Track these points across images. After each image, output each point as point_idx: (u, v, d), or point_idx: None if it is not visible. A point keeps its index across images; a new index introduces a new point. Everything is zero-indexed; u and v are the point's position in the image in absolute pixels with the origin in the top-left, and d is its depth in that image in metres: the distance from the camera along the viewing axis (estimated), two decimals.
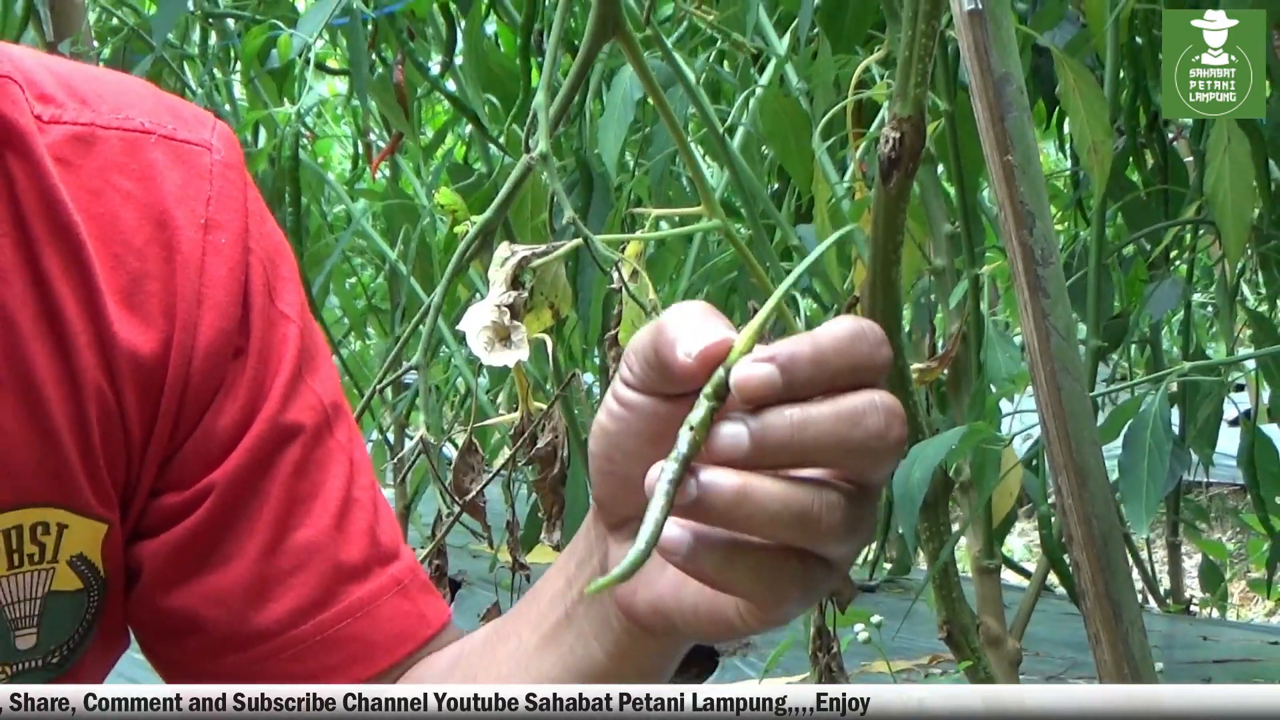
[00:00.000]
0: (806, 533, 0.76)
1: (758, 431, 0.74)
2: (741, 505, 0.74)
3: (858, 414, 0.75)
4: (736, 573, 0.77)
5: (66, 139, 1.01)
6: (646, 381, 0.80)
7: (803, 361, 0.75)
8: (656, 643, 0.89)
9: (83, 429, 1.00)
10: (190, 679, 1.06)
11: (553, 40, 1.88)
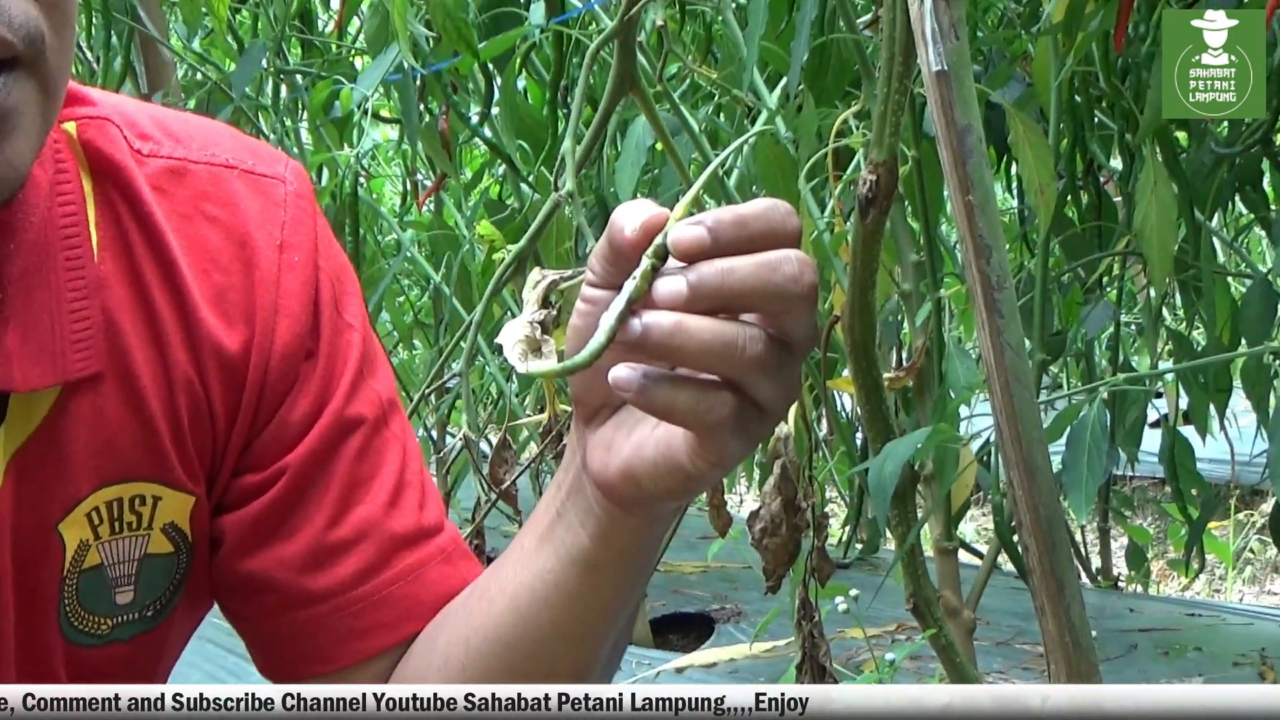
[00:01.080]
0: (734, 363, 0.78)
1: (692, 278, 0.76)
2: (676, 336, 0.76)
3: (775, 263, 0.77)
4: (679, 401, 0.78)
5: (162, 171, 1.01)
6: (604, 274, 0.81)
7: (726, 224, 0.77)
8: (631, 519, 0.88)
9: (175, 416, 1.00)
10: (264, 634, 1.06)
11: (577, 95, 1.87)
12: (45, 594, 0.97)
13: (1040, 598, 1.61)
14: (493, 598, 0.97)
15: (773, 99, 2.06)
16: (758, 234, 0.77)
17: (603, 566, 0.92)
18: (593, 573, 0.92)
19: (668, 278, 0.76)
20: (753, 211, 0.78)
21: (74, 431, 0.96)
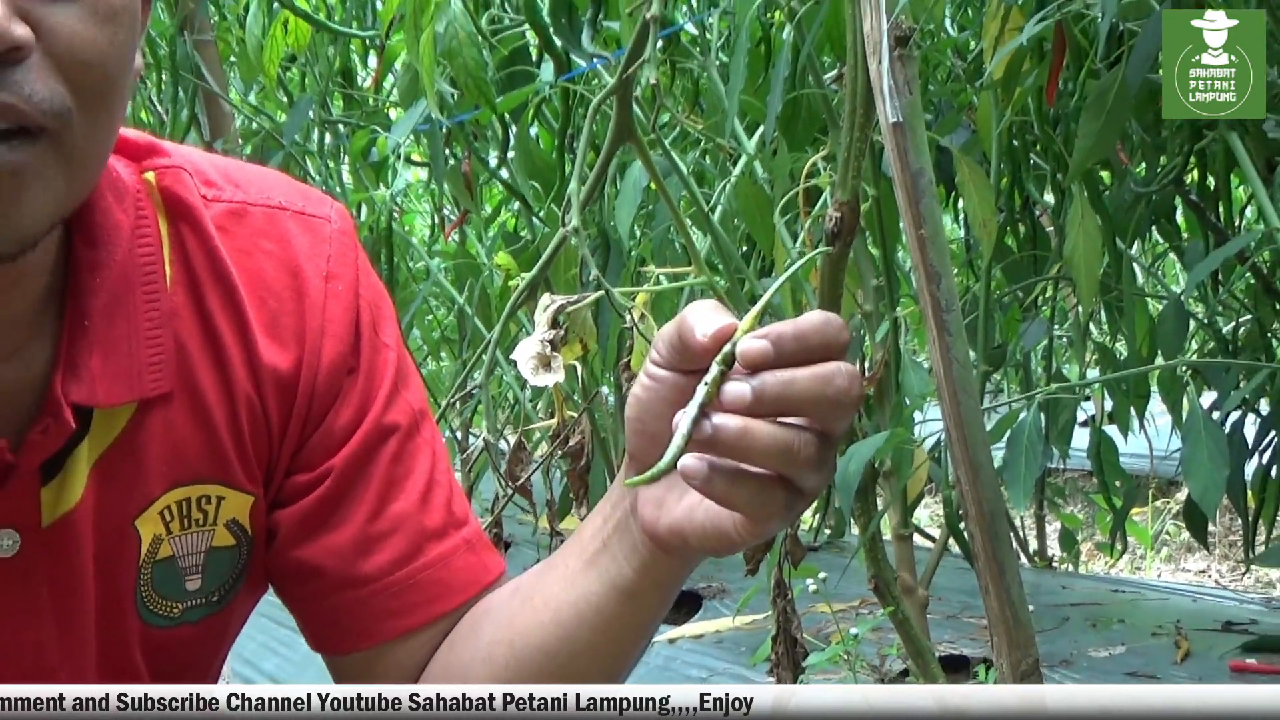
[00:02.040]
0: (790, 462, 0.80)
1: (757, 386, 0.78)
2: (743, 439, 0.79)
3: (829, 376, 0.79)
4: (739, 492, 0.81)
5: (225, 212, 1.01)
6: (670, 360, 0.84)
7: (788, 338, 0.79)
8: (671, 560, 0.90)
9: (236, 426, 1.00)
10: (313, 613, 1.06)
11: (582, 142, 1.87)
12: (124, 582, 0.97)
13: (984, 578, 1.60)
14: (537, 608, 0.98)
15: (751, 144, 2.06)
16: (815, 347, 0.79)
17: (641, 595, 0.93)
18: (631, 600, 0.93)
19: (735, 384, 0.79)
20: (811, 326, 0.80)
21: (148, 441, 0.96)
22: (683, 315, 0.84)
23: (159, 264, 0.97)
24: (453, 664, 1.02)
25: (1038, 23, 1.68)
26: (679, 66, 2.38)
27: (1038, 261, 2.41)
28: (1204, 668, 2.41)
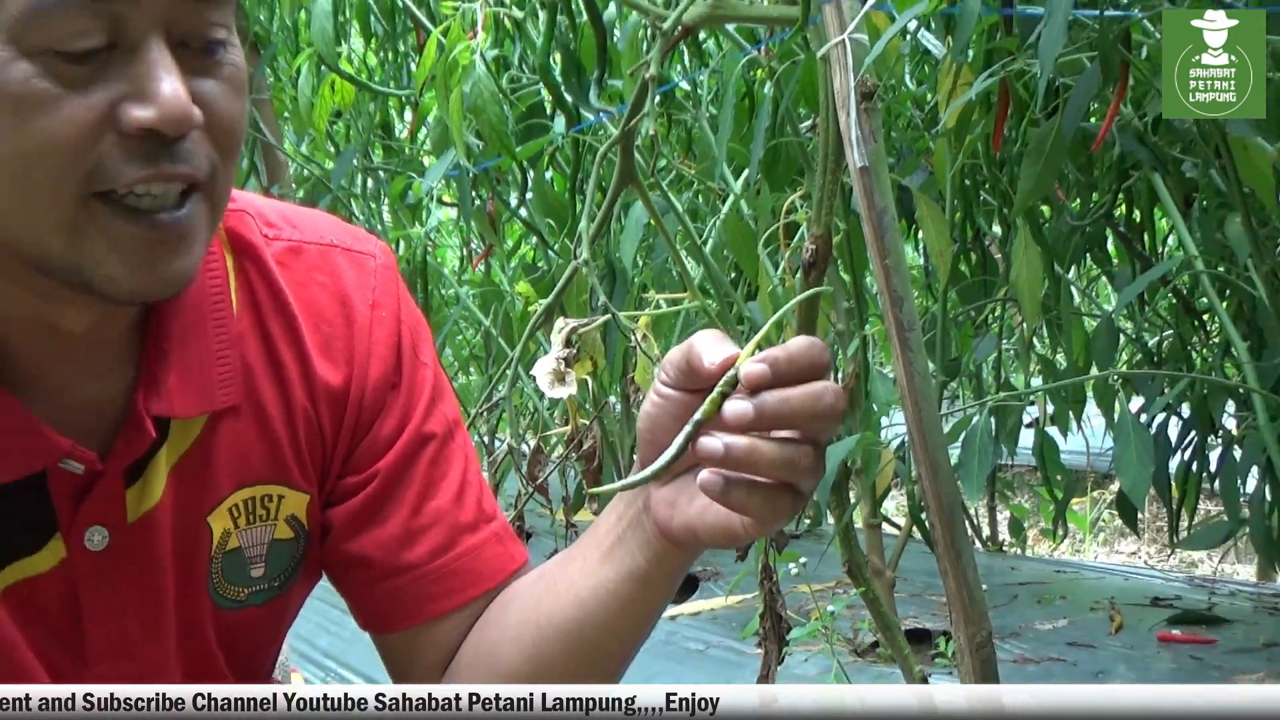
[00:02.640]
0: (792, 472, 0.82)
1: (758, 404, 0.80)
2: (753, 455, 0.81)
3: (819, 393, 0.81)
4: (752, 500, 0.83)
5: (284, 250, 1.01)
6: (677, 381, 0.86)
7: (782, 361, 0.81)
8: (680, 552, 0.91)
9: (293, 434, 1.00)
10: (362, 597, 1.06)
11: (590, 185, 1.87)
12: (198, 570, 0.97)
13: (944, 561, 1.60)
14: (560, 593, 0.98)
15: (737, 186, 2.06)
16: (804, 368, 0.81)
17: (652, 582, 0.93)
18: (644, 586, 0.94)
19: (738, 403, 0.81)
20: (800, 350, 0.82)
21: (218, 447, 0.96)
22: (690, 343, 0.86)
23: (226, 294, 0.97)
24: (484, 642, 1.02)
25: (985, 79, 1.68)
26: (674, 118, 2.39)
27: (987, 285, 2.41)
28: (1135, 638, 2.40)
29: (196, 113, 0.81)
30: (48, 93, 0.79)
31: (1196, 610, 2.56)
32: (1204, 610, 2.56)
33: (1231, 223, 1.79)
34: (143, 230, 0.82)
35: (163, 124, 0.79)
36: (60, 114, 0.79)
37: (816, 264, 1.61)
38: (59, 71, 0.79)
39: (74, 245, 0.82)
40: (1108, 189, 2.16)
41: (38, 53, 0.79)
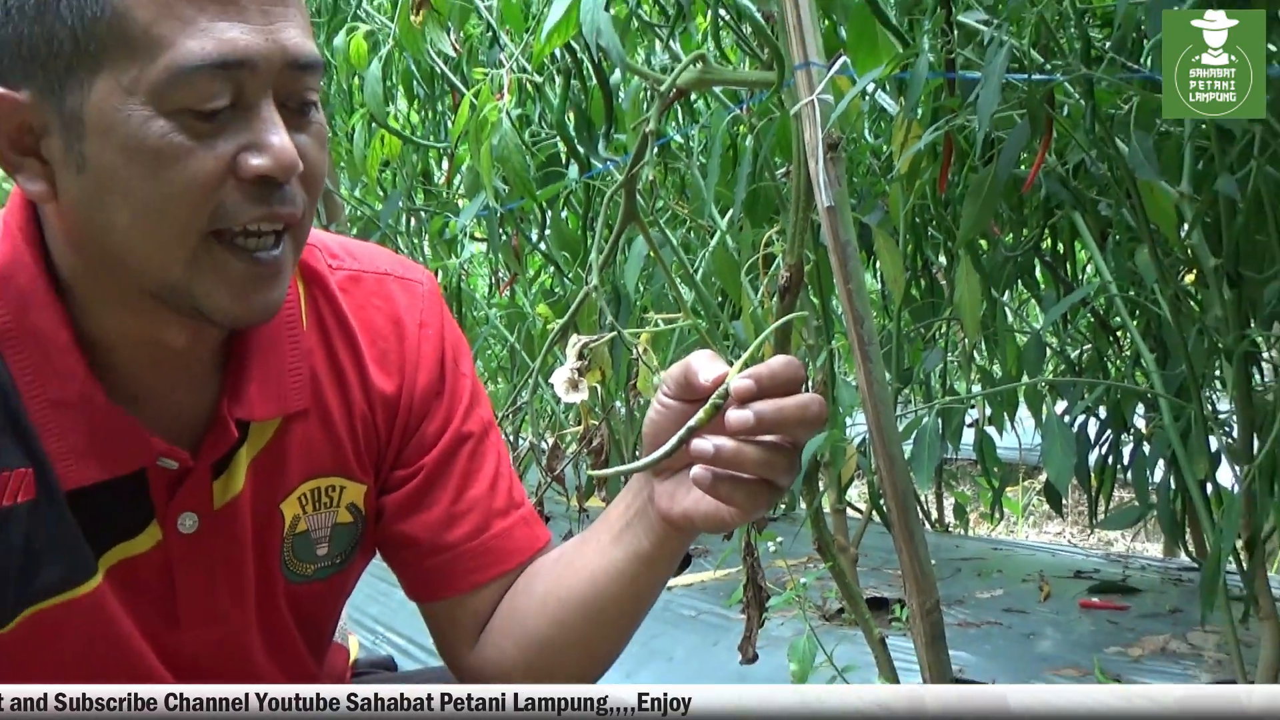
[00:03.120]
0: (770, 470, 0.83)
1: (758, 411, 0.82)
2: (738, 455, 0.83)
3: (805, 404, 0.83)
4: (736, 494, 0.84)
5: (346, 278, 1.02)
6: (676, 394, 0.87)
7: (765, 377, 0.83)
8: (679, 536, 0.92)
9: (354, 435, 1.00)
10: (410, 571, 1.05)
11: (599, 222, 1.87)
12: (272, 550, 0.98)
13: (899, 540, 1.60)
14: (578, 571, 0.98)
15: (723, 223, 2.06)
16: (783, 382, 0.83)
17: (655, 561, 0.94)
18: (649, 565, 0.95)
19: (739, 412, 0.83)
20: (780, 366, 0.84)
21: (289, 445, 0.97)
22: (687, 362, 0.87)
23: (298, 315, 0.98)
24: (514, 611, 1.02)
25: (932, 132, 1.68)
26: (670, 166, 2.39)
27: (934, 306, 2.41)
28: (1060, 605, 2.40)
29: (300, 163, 0.83)
30: (182, 146, 0.80)
31: (1113, 581, 2.56)
32: (1119, 581, 2.56)
33: (1140, 253, 1.79)
34: (247, 266, 0.84)
35: (275, 171, 0.81)
36: (192, 163, 0.81)
37: (790, 289, 1.61)
38: (191, 128, 0.80)
39: (191, 276, 0.83)
40: (1036, 225, 2.16)
41: (174, 112, 0.80)
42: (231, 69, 0.80)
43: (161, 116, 0.80)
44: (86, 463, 0.87)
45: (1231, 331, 1.63)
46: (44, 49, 0.80)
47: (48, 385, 0.87)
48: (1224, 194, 1.53)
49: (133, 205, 0.81)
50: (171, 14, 0.79)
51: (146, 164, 0.80)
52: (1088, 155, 1.77)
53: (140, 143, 0.80)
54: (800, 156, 1.54)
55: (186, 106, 0.80)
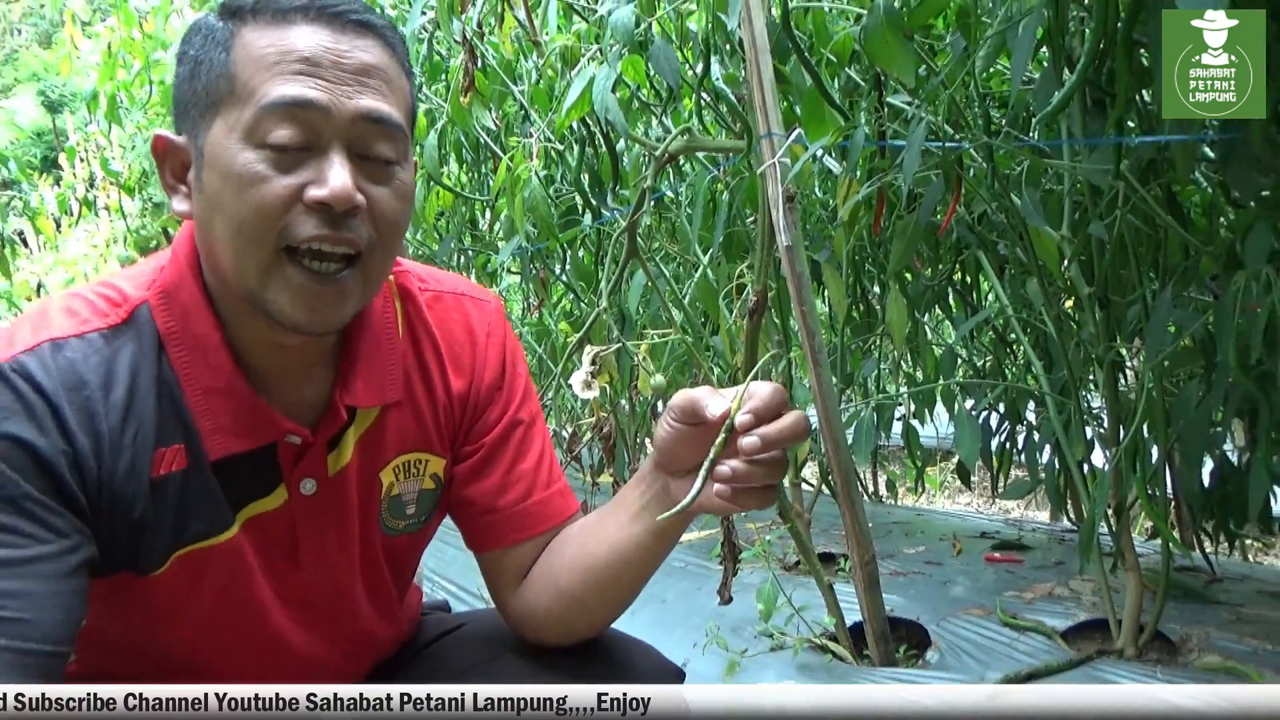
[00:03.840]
0: (775, 476, 0.83)
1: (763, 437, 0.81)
2: (750, 474, 0.82)
3: (797, 422, 0.82)
4: (748, 499, 0.84)
5: (431, 297, 1.01)
6: (682, 419, 0.86)
7: (760, 409, 0.82)
8: (689, 517, 0.90)
9: (436, 420, 0.99)
10: (469, 527, 1.04)
11: (608, 258, 1.88)
12: (373, 509, 0.97)
13: (843, 507, 1.61)
14: (600, 541, 0.96)
15: (705, 259, 2.07)
16: (774, 408, 0.82)
17: (667, 536, 0.93)
18: (661, 539, 0.93)
19: (748, 440, 0.82)
20: (769, 395, 0.83)
21: (387, 427, 0.97)
22: (693, 397, 0.86)
23: (395, 325, 0.98)
24: (548, 567, 1.01)
25: (868, 188, 1.69)
26: (663, 215, 2.40)
27: (870, 325, 2.41)
28: (969, 559, 2.40)
29: (359, 198, 0.82)
30: (262, 174, 0.81)
31: (1010, 540, 2.55)
32: (1015, 540, 2.55)
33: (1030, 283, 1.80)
34: (310, 283, 0.83)
35: (331, 200, 0.81)
36: (267, 187, 0.81)
37: (758, 310, 1.61)
38: (271, 160, 0.81)
39: (264, 284, 0.83)
40: (948, 261, 2.17)
41: (259, 145, 0.81)
42: (302, 111, 0.80)
43: (250, 149, 0.81)
44: (229, 438, 0.87)
45: (1102, 344, 1.64)
46: (191, 103, 0.84)
47: (202, 377, 0.87)
48: (1096, 236, 1.54)
49: (225, 219, 0.82)
50: (265, 72, 0.81)
51: (235, 186, 0.81)
52: (989, 206, 1.77)
53: (231, 168, 0.81)
54: (765, 207, 1.54)
55: (267, 143, 0.81)
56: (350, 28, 0.83)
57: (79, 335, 0.84)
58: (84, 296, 0.88)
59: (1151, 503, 1.56)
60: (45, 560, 0.77)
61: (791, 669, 1.71)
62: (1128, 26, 1.18)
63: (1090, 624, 1.79)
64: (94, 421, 0.82)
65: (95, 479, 0.82)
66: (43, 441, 0.79)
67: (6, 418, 0.79)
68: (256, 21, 0.83)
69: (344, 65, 0.82)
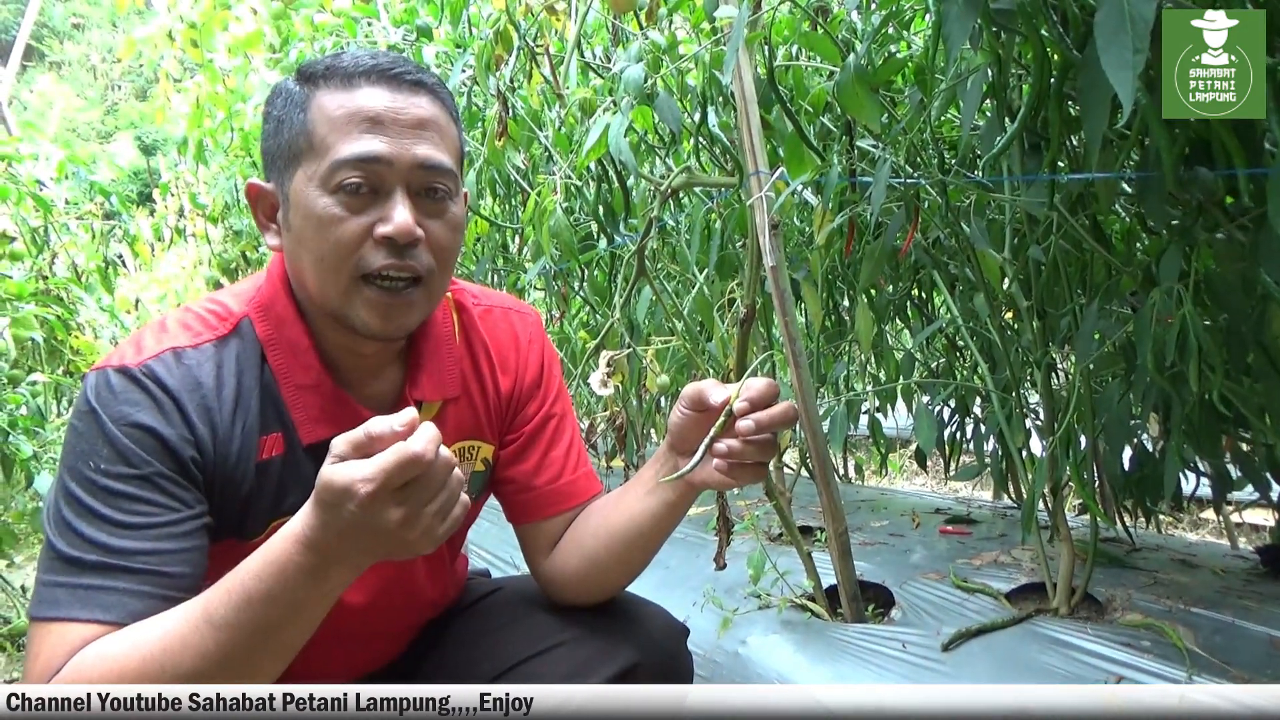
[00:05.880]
0: (766, 456, 0.83)
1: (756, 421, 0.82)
2: (744, 452, 0.83)
3: (787, 410, 0.83)
4: (742, 474, 0.84)
5: (482, 310, 1.02)
6: (692, 407, 0.87)
7: (756, 397, 0.83)
8: (694, 492, 0.91)
9: (487, 412, 1.00)
10: (510, 503, 1.03)
11: (620, 279, 1.88)
12: None
13: (820, 486, 1.61)
14: (621, 512, 0.96)
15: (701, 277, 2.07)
16: (767, 398, 0.83)
17: (677, 507, 0.93)
18: (672, 510, 0.93)
19: (744, 422, 0.82)
20: (764, 387, 0.83)
21: (447, 418, 0.98)
22: (700, 388, 0.86)
23: (453, 333, 0.99)
24: (576, 536, 1.00)
25: (840, 218, 1.70)
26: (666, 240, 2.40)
27: (841, 333, 2.42)
28: (926, 531, 2.40)
29: (419, 232, 0.84)
30: (338, 215, 0.82)
31: (960, 515, 2.55)
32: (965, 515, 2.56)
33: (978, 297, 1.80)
34: (383, 299, 0.85)
35: (396, 234, 0.83)
36: (343, 227, 0.82)
37: (748, 320, 1.62)
38: (345, 203, 0.82)
39: (345, 303, 0.85)
40: (908, 278, 2.17)
41: (334, 191, 0.82)
42: (370, 164, 0.82)
43: (327, 194, 0.82)
44: (319, 426, 0.88)
45: (1039, 349, 1.64)
46: (276, 155, 0.86)
47: (295, 375, 0.88)
48: (1034, 259, 1.54)
49: (310, 253, 0.84)
50: (337, 130, 0.83)
51: (315, 226, 0.82)
52: (941, 233, 1.78)
53: (311, 211, 0.82)
54: (753, 233, 1.55)
55: (341, 188, 0.82)
56: (406, 86, 0.85)
57: (195, 346, 0.86)
58: (196, 312, 0.90)
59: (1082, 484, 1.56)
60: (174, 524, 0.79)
61: (777, 624, 1.72)
62: (1059, 83, 1.19)
63: (1029, 587, 1.79)
64: (209, 415, 0.84)
65: (211, 461, 0.84)
66: (169, 430, 0.81)
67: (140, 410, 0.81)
68: (328, 85, 0.84)
69: (402, 120, 0.83)
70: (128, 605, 0.73)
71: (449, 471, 0.69)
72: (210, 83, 3.72)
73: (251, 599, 0.69)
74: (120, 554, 0.75)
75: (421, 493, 0.68)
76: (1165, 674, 1.30)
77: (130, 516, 0.77)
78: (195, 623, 0.70)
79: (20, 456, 2.13)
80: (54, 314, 2.45)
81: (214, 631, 0.68)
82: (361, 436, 0.68)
